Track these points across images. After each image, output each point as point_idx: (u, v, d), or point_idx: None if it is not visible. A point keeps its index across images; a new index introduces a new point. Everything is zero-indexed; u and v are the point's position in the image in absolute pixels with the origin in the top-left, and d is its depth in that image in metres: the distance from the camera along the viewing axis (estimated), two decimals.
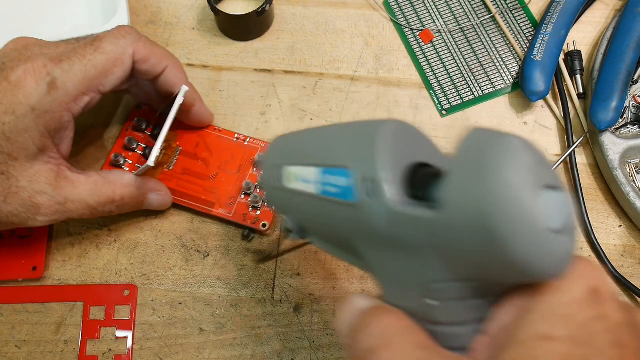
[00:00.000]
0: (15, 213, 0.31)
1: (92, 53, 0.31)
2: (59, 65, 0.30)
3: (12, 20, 0.41)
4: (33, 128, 0.30)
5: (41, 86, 0.30)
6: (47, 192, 0.31)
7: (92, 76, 0.31)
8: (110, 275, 0.36)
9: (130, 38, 0.32)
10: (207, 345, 0.35)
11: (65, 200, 0.32)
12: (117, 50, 0.32)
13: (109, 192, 0.33)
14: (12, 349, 0.35)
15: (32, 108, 0.30)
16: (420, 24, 0.43)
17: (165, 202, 0.37)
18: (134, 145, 0.38)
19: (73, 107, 0.31)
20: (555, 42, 0.40)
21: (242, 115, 0.40)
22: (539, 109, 0.41)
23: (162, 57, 0.34)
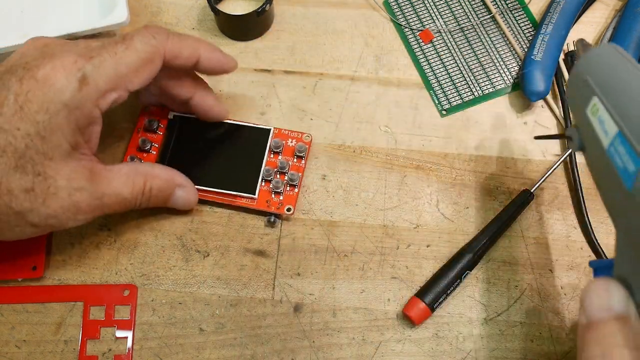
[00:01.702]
0: (54, 215, 0.30)
1: (124, 50, 0.31)
2: (90, 61, 0.30)
3: (9, 15, 0.41)
4: (65, 125, 0.30)
5: (72, 82, 0.30)
6: (86, 189, 0.31)
7: (122, 74, 0.31)
8: (110, 275, 0.36)
9: (160, 38, 0.32)
10: (207, 345, 0.35)
11: (103, 195, 0.32)
12: (149, 50, 0.32)
13: (140, 182, 0.33)
14: (12, 349, 0.35)
15: (64, 105, 0.29)
16: (420, 24, 0.43)
17: (190, 200, 0.36)
18: (147, 146, 0.38)
19: (101, 102, 0.31)
20: (555, 42, 0.40)
21: (242, 115, 0.40)
22: (539, 109, 0.41)
23: (192, 48, 0.34)
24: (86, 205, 0.31)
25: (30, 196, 0.29)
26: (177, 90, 0.36)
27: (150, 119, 0.38)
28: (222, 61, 0.35)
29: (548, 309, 0.36)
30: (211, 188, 0.37)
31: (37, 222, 0.30)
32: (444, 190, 0.39)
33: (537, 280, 0.36)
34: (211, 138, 0.39)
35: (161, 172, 0.35)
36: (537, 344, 0.35)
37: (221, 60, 0.35)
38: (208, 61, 0.35)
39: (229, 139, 0.39)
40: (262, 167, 0.38)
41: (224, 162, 0.38)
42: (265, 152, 0.38)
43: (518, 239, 0.37)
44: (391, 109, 0.41)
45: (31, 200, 0.29)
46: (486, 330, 0.35)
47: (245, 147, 0.38)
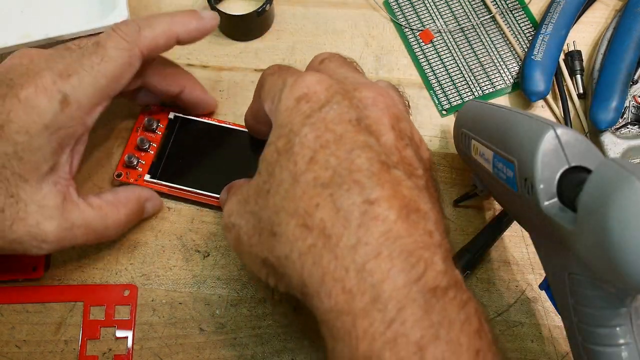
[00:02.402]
0: (19, 241, 0.30)
1: (100, 63, 0.30)
2: (68, 81, 0.30)
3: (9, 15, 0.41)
4: (46, 146, 0.29)
5: (54, 104, 0.29)
6: (55, 218, 0.30)
7: (102, 86, 0.31)
8: (110, 275, 0.36)
9: (132, 39, 0.31)
10: (207, 345, 0.35)
11: (72, 226, 0.31)
12: (124, 55, 0.31)
13: (114, 214, 0.33)
14: (12, 349, 0.35)
15: (45, 126, 0.29)
16: (420, 24, 0.43)
17: (158, 208, 0.37)
18: (146, 145, 0.38)
19: (87, 119, 0.31)
20: (555, 42, 0.40)
21: (242, 115, 0.40)
22: (539, 109, 0.41)
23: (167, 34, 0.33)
24: (53, 235, 0.30)
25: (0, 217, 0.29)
26: (165, 87, 0.36)
27: (150, 118, 0.38)
28: (202, 28, 0.34)
29: (548, 309, 0.36)
30: (207, 192, 0.37)
31: (0, 245, 0.30)
32: (444, 190, 0.39)
33: (537, 280, 0.36)
34: (209, 141, 0.39)
35: (131, 195, 0.35)
36: (537, 344, 0.35)
37: (200, 28, 0.34)
38: (188, 35, 0.33)
39: (227, 142, 0.38)
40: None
41: (220, 166, 0.38)
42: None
43: (518, 239, 0.37)
44: None
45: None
46: None
47: (243, 152, 0.38)
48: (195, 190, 0.37)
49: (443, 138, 0.40)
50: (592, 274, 0.23)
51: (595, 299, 0.24)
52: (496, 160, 0.28)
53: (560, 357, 0.35)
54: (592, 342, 0.25)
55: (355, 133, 0.24)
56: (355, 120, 0.25)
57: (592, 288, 0.24)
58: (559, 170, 0.24)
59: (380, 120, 0.26)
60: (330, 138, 0.24)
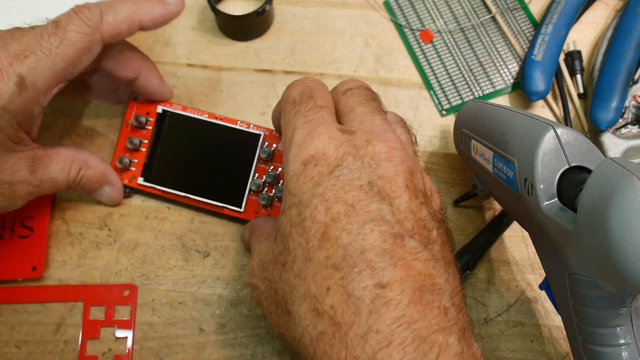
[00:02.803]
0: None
1: (58, 46, 0.30)
2: (24, 62, 0.29)
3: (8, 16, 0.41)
4: (7, 127, 0.30)
5: (10, 86, 0.29)
6: (25, 180, 0.32)
7: (60, 70, 0.30)
8: (110, 275, 0.36)
9: (94, 23, 0.31)
10: (207, 345, 0.35)
11: (40, 182, 0.33)
12: (85, 39, 0.30)
13: (75, 171, 0.34)
14: (12, 349, 0.35)
15: (4, 109, 0.29)
16: (420, 24, 0.43)
17: (115, 200, 0.37)
18: (136, 144, 0.37)
19: (43, 100, 0.31)
20: (555, 42, 0.40)
21: (242, 115, 0.40)
22: (539, 109, 0.41)
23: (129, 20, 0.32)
24: (25, 192, 0.32)
25: None
26: (119, 71, 0.35)
27: (138, 115, 0.38)
28: (166, 15, 0.33)
29: (548, 309, 0.36)
30: (197, 197, 0.37)
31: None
32: (444, 191, 0.39)
33: (537, 280, 0.36)
34: (201, 140, 0.38)
35: (96, 165, 0.35)
36: (537, 344, 0.35)
37: (164, 14, 0.33)
38: (151, 22, 0.33)
39: (219, 141, 0.37)
40: (249, 178, 0.37)
41: (212, 168, 0.37)
42: (254, 161, 0.37)
43: (518, 239, 0.37)
44: (391, 109, 0.41)
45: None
46: (486, 330, 0.35)
47: (235, 153, 0.37)
48: (190, 196, 0.37)
49: (443, 138, 0.40)
50: (592, 274, 0.23)
51: (595, 299, 0.24)
52: (496, 160, 0.28)
53: (560, 357, 0.35)
54: (592, 342, 0.25)
55: (367, 202, 0.24)
56: (367, 184, 0.24)
57: (592, 288, 0.24)
58: (559, 170, 0.24)
59: (394, 180, 0.25)
60: (341, 210, 0.24)
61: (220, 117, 0.38)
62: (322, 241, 0.24)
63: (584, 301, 0.24)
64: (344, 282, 0.23)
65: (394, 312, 0.22)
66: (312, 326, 0.23)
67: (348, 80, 0.30)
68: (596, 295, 0.24)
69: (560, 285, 0.26)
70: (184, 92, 0.40)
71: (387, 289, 0.22)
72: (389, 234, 0.23)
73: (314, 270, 0.23)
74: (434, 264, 0.24)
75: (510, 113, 0.29)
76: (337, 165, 0.25)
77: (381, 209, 0.24)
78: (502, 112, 0.29)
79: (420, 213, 0.25)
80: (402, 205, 0.24)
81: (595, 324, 0.24)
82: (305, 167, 0.25)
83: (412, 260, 0.23)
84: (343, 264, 0.23)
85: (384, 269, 0.23)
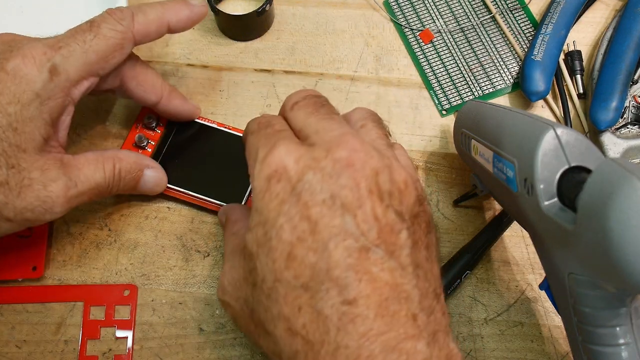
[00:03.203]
0: (30, 208, 0.30)
1: (92, 39, 0.31)
2: (58, 51, 0.30)
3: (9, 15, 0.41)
4: (38, 116, 0.30)
5: (43, 73, 0.29)
6: (60, 179, 0.30)
7: (92, 61, 0.31)
8: (110, 275, 0.36)
9: (126, 22, 0.32)
10: (207, 345, 0.35)
11: (76, 183, 0.31)
12: (117, 36, 0.32)
13: (110, 166, 0.33)
14: (12, 349, 0.35)
15: (36, 95, 0.29)
16: (420, 24, 0.43)
17: (161, 180, 0.36)
18: (144, 142, 0.38)
19: (74, 92, 0.31)
20: (555, 42, 0.40)
21: (242, 115, 0.40)
22: (539, 109, 0.41)
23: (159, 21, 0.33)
24: (62, 195, 0.30)
25: (5, 189, 0.29)
26: (141, 94, 0.36)
27: (150, 116, 0.38)
28: (192, 16, 0.35)
29: (548, 309, 0.36)
30: (199, 195, 0.37)
31: (12, 216, 0.29)
32: (444, 190, 0.39)
33: (537, 280, 0.36)
34: (208, 143, 0.38)
35: (127, 155, 0.35)
36: (537, 344, 0.35)
37: (190, 16, 0.35)
38: (178, 23, 0.34)
39: (224, 147, 0.38)
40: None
41: (215, 169, 0.38)
42: None
43: (518, 239, 0.37)
44: (391, 109, 0.41)
45: (5, 193, 0.29)
46: (486, 330, 0.35)
47: (239, 158, 0.37)
48: (191, 193, 0.37)
49: (443, 138, 0.40)
50: (592, 274, 0.23)
51: (595, 299, 0.24)
52: (496, 160, 0.28)
53: (560, 357, 0.35)
54: (592, 342, 0.25)
55: (330, 217, 0.24)
56: (330, 198, 0.24)
57: (592, 288, 0.24)
58: (559, 170, 0.24)
59: (356, 188, 0.24)
60: (305, 228, 0.24)
61: (229, 126, 0.39)
62: (289, 261, 0.24)
63: (583, 301, 0.25)
64: (313, 302, 0.23)
65: (361, 328, 0.23)
66: (288, 345, 0.24)
67: (293, 94, 0.30)
68: (596, 295, 0.24)
69: (560, 285, 0.26)
70: (184, 92, 0.40)
71: (353, 305, 0.23)
72: (353, 248, 0.24)
73: (284, 291, 0.24)
74: (401, 272, 0.24)
75: (510, 113, 0.29)
76: (298, 180, 0.25)
77: (345, 222, 0.24)
78: (502, 112, 0.29)
79: (386, 218, 0.25)
80: (367, 213, 0.24)
81: (595, 323, 0.24)
82: (269, 183, 0.25)
83: (378, 272, 0.23)
84: (311, 283, 0.23)
85: (349, 285, 0.23)
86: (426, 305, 0.24)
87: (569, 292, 0.25)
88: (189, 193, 0.37)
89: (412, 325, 0.23)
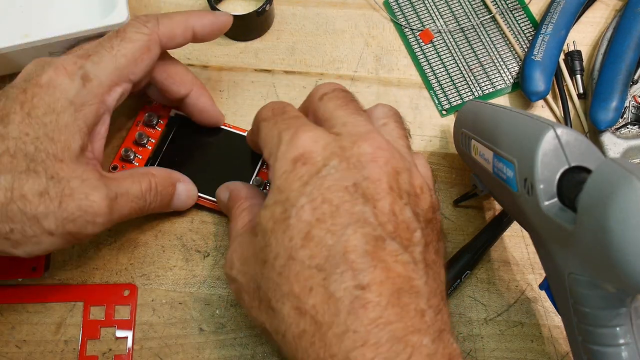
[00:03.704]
0: (72, 218, 0.29)
1: (120, 43, 0.31)
2: (88, 59, 0.31)
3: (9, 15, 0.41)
4: (72, 124, 0.29)
5: (75, 80, 0.30)
6: (100, 188, 0.30)
7: (122, 65, 0.31)
8: (110, 275, 0.36)
9: (151, 25, 0.33)
10: (207, 345, 0.35)
11: (117, 196, 0.31)
12: (144, 38, 0.32)
13: (145, 181, 0.33)
14: (12, 349, 0.35)
15: (70, 102, 0.29)
16: (420, 24, 0.43)
17: (194, 193, 0.36)
18: (144, 140, 0.38)
19: (107, 98, 0.31)
20: (555, 42, 0.40)
21: (243, 115, 0.40)
22: (539, 109, 0.41)
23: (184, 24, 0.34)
24: (104, 206, 0.29)
25: (45, 199, 0.28)
26: (171, 85, 0.36)
27: (151, 114, 0.38)
28: (216, 23, 0.35)
29: (548, 309, 0.36)
30: (199, 194, 0.37)
31: (53, 228, 0.28)
32: (444, 190, 0.39)
33: (537, 280, 0.36)
34: (207, 143, 0.38)
35: (159, 171, 0.35)
36: (537, 344, 0.35)
37: (215, 22, 0.35)
38: (203, 29, 0.34)
39: (224, 146, 0.38)
40: (252, 177, 0.37)
41: (215, 168, 0.38)
42: (258, 165, 0.38)
43: (518, 239, 0.37)
44: None
45: (46, 203, 0.28)
46: (486, 330, 0.35)
47: (241, 158, 0.38)
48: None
49: (443, 138, 0.40)
50: (592, 274, 0.23)
51: (595, 299, 0.24)
52: (496, 160, 0.28)
53: (560, 357, 0.35)
54: (592, 342, 0.25)
55: (351, 204, 0.24)
56: (352, 186, 0.25)
57: (592, 288, 0.24)
58: (559, 170, 0.24)
59: (378, 182, 0.25)
60: (326, 210, 0.24)
61: (230, 125, 0.39)
62: (306, 240, 0.24)
63: (584, 301, 0.25)
64: (326, 283, 0.23)
65: (372, 314, 0.23)
66: (295, 324, 0.24)
67: (322, 85, 0.31)
68: (596, 295, 0.24)
69: (560, 285, 0.26)
70: None
71: (367, 291, 0.23)
72: (371, 236, 0.24)
73: (297, 269, 0.24)
74: (414, 266, 0.24)
75: (510, 113, 0.29)
76: (324, 165, 0.25)
77: (364, 211, 0.24)
78: (502, 112, 0.29)
79: (403, 215, 0.25)
80: (385, 207, 0.25)
81: (595, 323, 0.24)
82: (295, 165, 0.25)
83: (392, 262, 0.24)
84: (326, 264, 0.24)
85: (365, 270, 0.23)
86: (434, 303, 0.25)
87: (569, 292, 0.25)
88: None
89: (420, 320, 0.23)
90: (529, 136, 0.25)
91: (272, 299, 0.25)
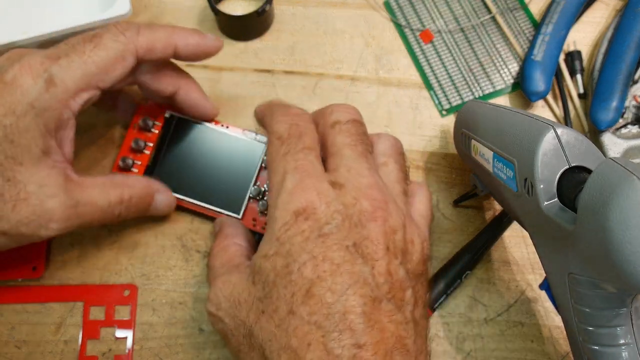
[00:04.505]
0: (26, 222, 0.29)
1: (92, 49, 0.30)
2: (56, 62, 0.29)
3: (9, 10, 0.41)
4: (34, 127, 0.29)
5: (38, 83, 0.29)
6: (58, 196, 0.29)
7: (91, 73, 0.30)
8: (110, 275, 0.36)
9: (130, 34, 0.31)
10: (207, 345, 0.35)
11: (77, 204, 0.30)
12: (119, 47, 0.31)
13: (117, 192, 0.32)
14: (12, 349, 0.35)
15: (31, 105, 0.29)
16: (420, 24, 0.43)
17: (171, 203, 0.36)
18: (141, 146, 0.37)
19: (72, 104, 0.30)
20: (555, 42, 0.40)
21: (243, 115, 0.40)
22: (539, 109, 0.41)
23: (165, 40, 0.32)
24: (60, 212, 0.29)
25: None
26: (157, 85, 0.35)
27: (145, 118, 0.38)
28: (202, 45, 0.33)
29: (548, 309, 0.36)
30: (197, 201, 0.37)
31: (6, 229, 0.29)
32: (444, 190, 0.39)
33: (537, 280, 0.36)
34: (205, 146, 0.38)
35: (137, 181, 0.34)
36: (537, 344, 0.35)
37: (201, 44, 0.33)
38: (186, 48, 0.33)
39: (223, 148, 0.38)
40: (250, 186, 0.37)
41: (213, 174, 0.37)
42: (256, 170, 0.37)
43: (518, 239, 0.37)
44: (391, 109, 0.41)
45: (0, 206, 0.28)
46: (486, 330, 0.35)
47: (238, 160, 0.37)
48: (191, 200, 0.37)
49: (443, 138, 0.40)
50: (592, 273, 0.23)
51: (595, 299, 0.24)
52: (496, 160, 0.28)
53: (560, 357, 0.35)
54: (592, 342, 0.25)
55: (351, 264, 0.25)
56: (353, 246, 0.26)
57: (592, 288, 0.24)
58: (559, 170, 0.24)
59: (376, 242, 0.26)
60: (327, 269, 0.25)
61: (227, 124, 0.38)
62: (307, 297, 0.25)
63: (584, 301, 0.25)
64: (325, 340, 0.24)
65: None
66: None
67: (337, 108, 0.31)
68: (596, 295, 0.24)
69: (560, 285, 0.26)
70: None
71: (364, 350, 0.24)
72: (368, 296, 0.25)
73: (296, 324, 0.25)
74: (405, 325, 0.26)
75: (510, 113, 0.29)
76: (326, 223, 0.26)
77: (364, 271, 0.25)
78: (502, 112, 0.29)
79: (398, 275, 0.26)
80: (382, 267, 0.26)
81: (595, 324, 0.24)
82: (297, 219, 0.26)
83: (386, 322, 0.25)
84: (325, 322, 0.24)
85: (362, 330, 0.24)
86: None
87: (569, 292, 0.25)
88: (187, 200, 0.37)
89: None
90: (529, 136, 0.25)
91: (266, 349, 0.25)
